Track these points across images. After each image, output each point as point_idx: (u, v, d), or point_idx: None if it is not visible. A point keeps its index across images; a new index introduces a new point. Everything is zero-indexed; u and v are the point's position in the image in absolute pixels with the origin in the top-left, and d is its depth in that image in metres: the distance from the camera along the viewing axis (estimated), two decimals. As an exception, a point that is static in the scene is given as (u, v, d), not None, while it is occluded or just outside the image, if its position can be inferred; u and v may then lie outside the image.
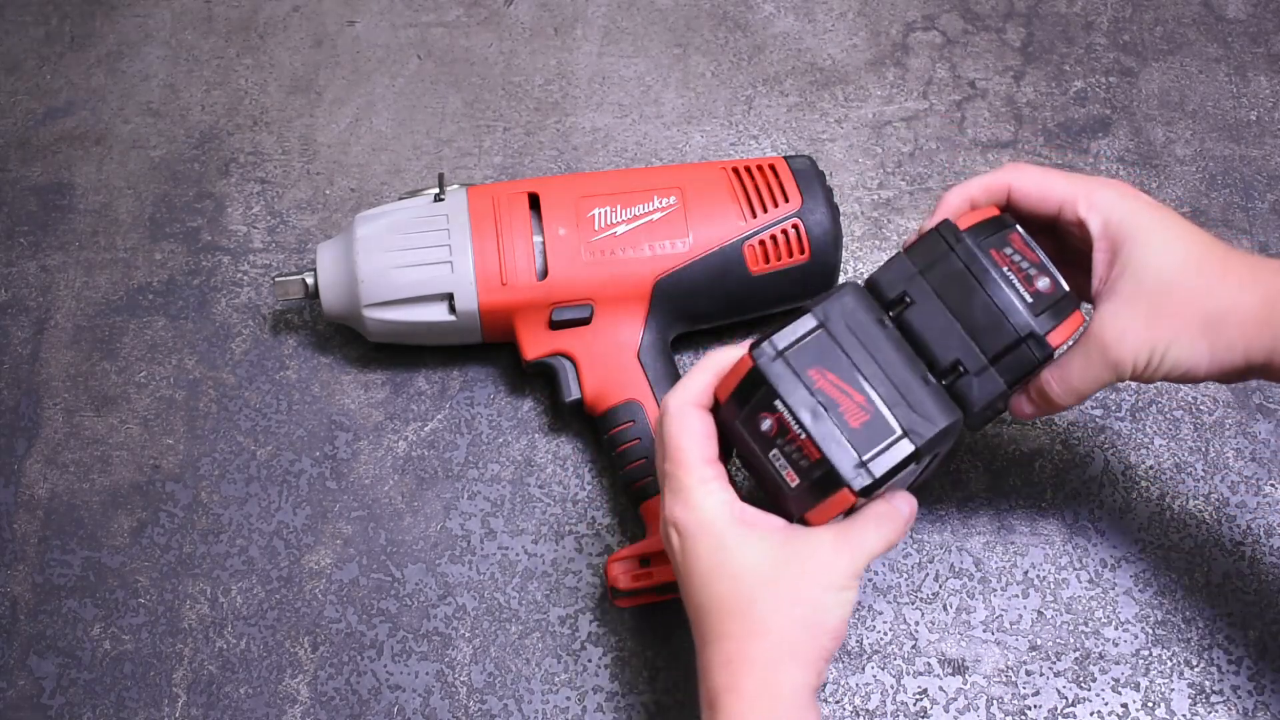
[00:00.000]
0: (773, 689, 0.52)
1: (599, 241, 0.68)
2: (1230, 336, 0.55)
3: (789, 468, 0.53)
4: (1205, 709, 0.65)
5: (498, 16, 0.87)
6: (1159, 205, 0.57)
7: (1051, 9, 0.86)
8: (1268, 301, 0.54)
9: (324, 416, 0.74)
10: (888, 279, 0.56)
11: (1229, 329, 0.55)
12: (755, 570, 0.53)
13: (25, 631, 0.69)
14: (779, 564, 0.53)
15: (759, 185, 0.70)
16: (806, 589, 0.53)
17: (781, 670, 0.52)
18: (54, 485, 0.72)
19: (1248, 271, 0.56)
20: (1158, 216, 0.57)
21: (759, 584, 0.53)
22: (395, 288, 0.68)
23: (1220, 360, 0.55)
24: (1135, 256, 0.56)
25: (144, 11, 0.88)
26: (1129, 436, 0.72)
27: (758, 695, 0.52)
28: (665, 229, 0.69)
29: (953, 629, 0.67)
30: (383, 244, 0.69)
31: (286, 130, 0.83)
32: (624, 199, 0.69)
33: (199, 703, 0.67)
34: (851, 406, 0.52)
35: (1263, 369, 0.55)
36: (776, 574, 0.53)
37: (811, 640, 0.53)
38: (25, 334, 0.77)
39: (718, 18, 0.87)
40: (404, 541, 0.70)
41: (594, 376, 0.69)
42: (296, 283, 0.71)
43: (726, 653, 0.53)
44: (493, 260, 0.68)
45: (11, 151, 0.83)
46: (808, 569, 0.53)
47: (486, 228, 0.69)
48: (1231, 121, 0.82)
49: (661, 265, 0.69)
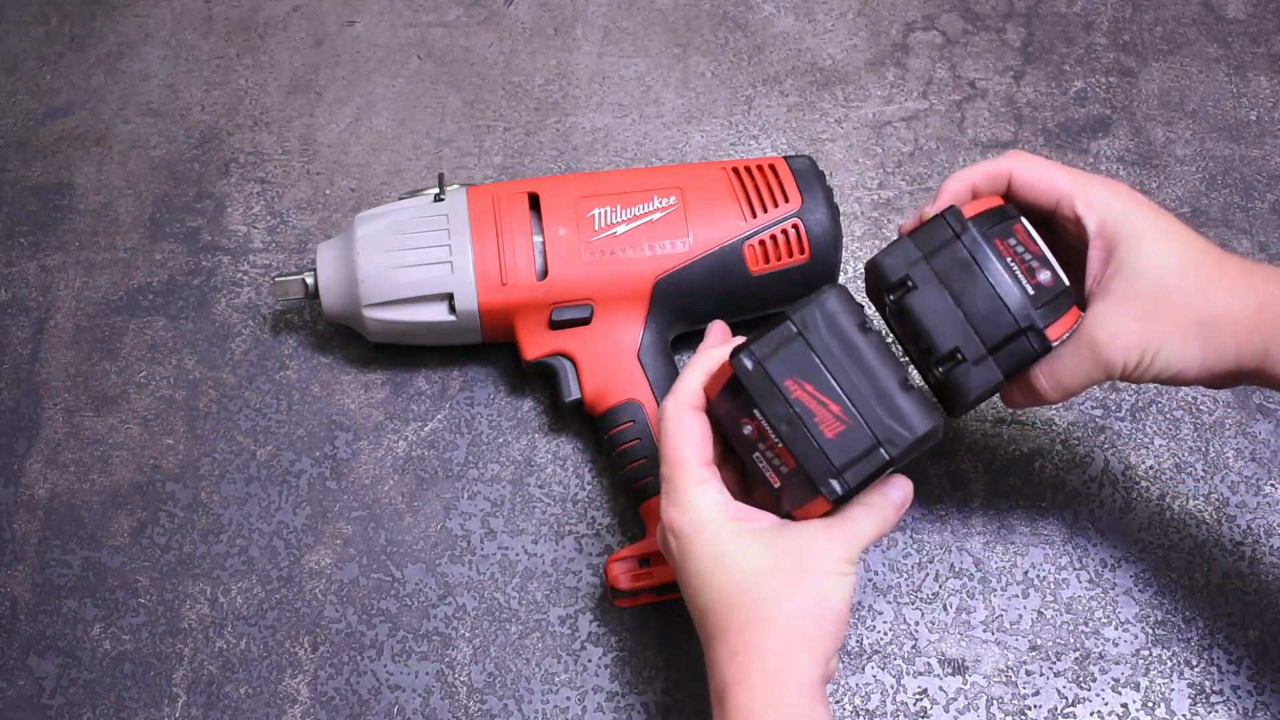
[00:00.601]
0: (781, 678, 0.52)
1: (599, 241, 0.68)
2: (1222, 340, 0.55)
3: (770, 470, 0.54)
4: (1205, 709, 0.65)
5: (498, 16, 0.87)
6: (1156, 207, 0.58)
7: (1051, 9, 0.86)
8: (1261, 307, 0.55)
9: (324, 416, 0.74)
10: (890, 263, 0.57)
11: (1221, 333, 0.55)
12: (753, 563, 0.53)
13: (25, 631, 0.69)
14: (775, 555, 0.54)
15: (759, 185, 0.70)
16: (805, 577, 0.53)
17: (789, 659, 0.53)
18: (54, 485, 0.72)
19: (1241, 276, 0.56)
20: (1154, 218, 0.57)
21: (759, 576, 0.53)
22: (395, 287, 0.68)
23: (1211, 364, 0.55)
24: (1130, 257, 0.56)
25: (144, 11, 0.88)
26: (1129, 436, 0.72)
27: (766, 685, 0.52)
28: (665, 229, 0.69)
29: (953, 629, 0.67)
30: (383, 244, 0.69)
31: (286, 130, 0.83)
32: (624, 199, 0.69)
33: (199, 703, 0.67)
34: (827, 417, 0.53)
35: (1253, 374, 0.55)
36: (774, 565, 0.53)
37: (816, 626, 0.53)
38: (25, 334, 0.77)
39: (718, 18, 0.87)
40: (404, 541, 0.70)
41: (594, 376, 0.69)
42: (296, 283, 0.71)
43: (732, 646, 0.53)
44: (493, 260, 0.68)
45: (11, 151, 0.83)
46: (803, 558, 0.53)
47: (486, 227, 0.69)
48: (1231, 121, 0.82)
49: (661, 265, 0.69)
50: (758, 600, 0.53)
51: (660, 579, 0.64)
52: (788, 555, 0.53)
